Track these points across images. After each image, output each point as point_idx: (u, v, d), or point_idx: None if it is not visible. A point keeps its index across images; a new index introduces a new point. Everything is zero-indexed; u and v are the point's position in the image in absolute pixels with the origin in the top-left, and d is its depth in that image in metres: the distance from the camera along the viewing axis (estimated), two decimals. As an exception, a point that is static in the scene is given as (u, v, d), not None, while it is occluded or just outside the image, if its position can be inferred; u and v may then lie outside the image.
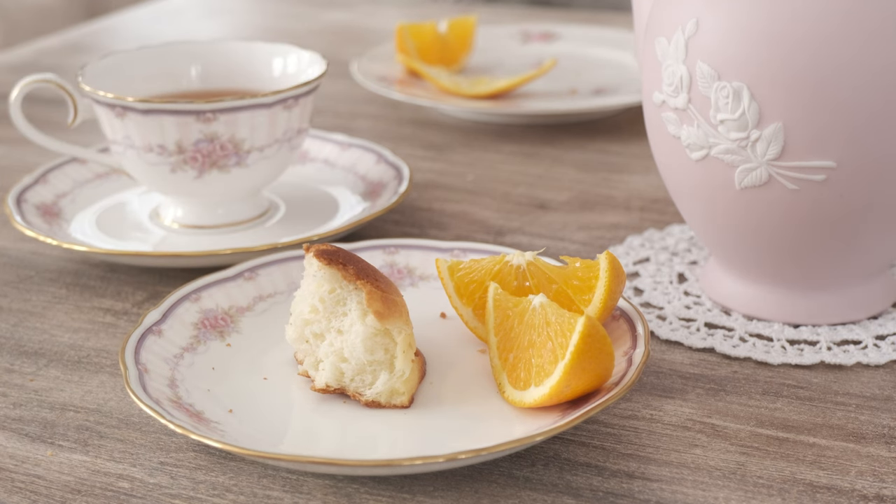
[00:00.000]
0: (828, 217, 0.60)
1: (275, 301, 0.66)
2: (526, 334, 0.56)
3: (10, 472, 0.55)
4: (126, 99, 0.72)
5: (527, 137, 0.99)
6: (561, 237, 0.79)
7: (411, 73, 1.09)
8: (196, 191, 0.76)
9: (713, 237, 0.65)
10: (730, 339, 0.64)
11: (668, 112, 0.62)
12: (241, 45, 0.83)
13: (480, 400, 0.57)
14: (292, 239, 0.72)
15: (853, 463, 0.54)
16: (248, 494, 0.53)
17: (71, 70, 1.18)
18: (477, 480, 0.53)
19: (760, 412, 0.58)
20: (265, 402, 0.57)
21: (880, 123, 0.57)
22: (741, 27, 0.58)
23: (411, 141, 0.99)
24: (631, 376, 0.54)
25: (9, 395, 0.61)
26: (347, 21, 1.44)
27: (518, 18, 1.40)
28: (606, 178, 0.89)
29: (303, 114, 0.77)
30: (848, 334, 0.64)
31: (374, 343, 0.56)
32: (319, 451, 0.53)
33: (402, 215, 0.83)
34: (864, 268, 0.64)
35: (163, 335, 0.60)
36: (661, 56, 0.62)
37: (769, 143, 0.58)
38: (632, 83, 1.07)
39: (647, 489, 0.52)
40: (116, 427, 0.58)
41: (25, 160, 0.95)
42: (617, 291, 0.59)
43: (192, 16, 1.48)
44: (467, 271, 0.62)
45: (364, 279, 0.56)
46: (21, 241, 0.79)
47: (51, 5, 2.38)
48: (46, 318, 0.69)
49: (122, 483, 0.53)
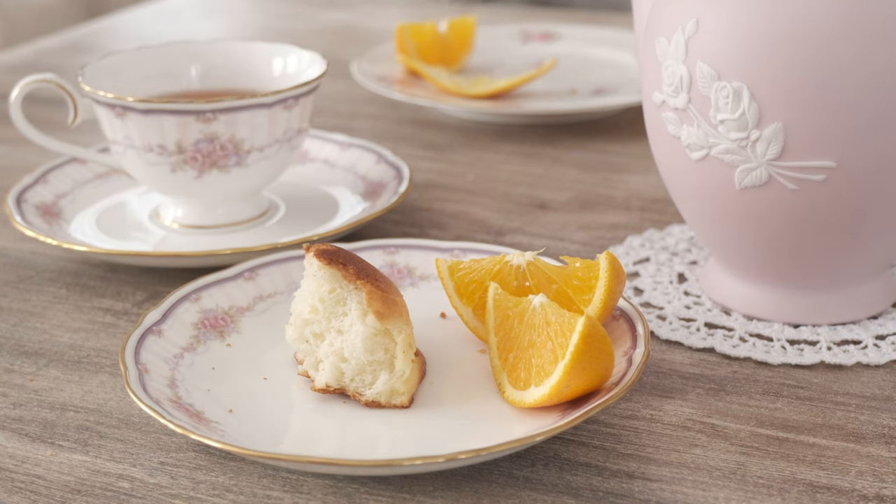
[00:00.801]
0: (828, 217, 0.60)
1: (275, 301, 0.66)
2: (526, 334, 0.56)
3: (10, 472, 0.55)
4: (126, 99, 0.72)
5: (527, 137, 0.99)
6: (561, 237, 0.79)
7: (411, 73, 1.09)
8: (196, 191, 0.76)
9: (713, 237, 0.65)
10: (730, 339, 0.64)
11: (668, 112, 0.62)
12: (241, 45, 0.83)
13: (480, 400, 0.57)
14: (292, 239, 0.72)
15: (853, 463, 0.54)
16: (248, 494, 0.53)
17: (71, 70, 1.18)
18: (477, 480, 0.53)
19: (760, 412, 0.58)
20: (265, 402, 0.57)
21: (880, 123, 0.57)
22: (741, 27, 0.58)
23: (411, 141, 0.99)
24: (631, 376, 0.54)
25: (9, 395, 0.61)
26: (347, 21, 1.44)
27: (518, 18, 1.40)
28: (606, 178, 0.89)
29: (303, 114, 0.77)
30: (848, 334, 0.64)
31: (374, 343, 0.56)
32: (319, 451, 0.53)
33: (402, 215, 0.83)
34: (864, 268, 0.64)
35: (163, 335, 0.60)
36: (661, 56, 0.62)
37: (769, 143, 0.58)
38: (632, 83, 1.07)
39: (647, 489, 0.52)
40: (116, 427, 0.58)
41: (25, 160, 0.95)
42: (617, 291, 0.59)
43: (192, 16, 1.48)
44: (467, 271, 0.62)
45: (364, 279, 0.56)
46: (21, 241, 0.79)
47: (51, 5, 2.38)
48: (46, 318, 0.69)
49: (122, 483, 0.53)
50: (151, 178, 0.75)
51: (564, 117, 1.01)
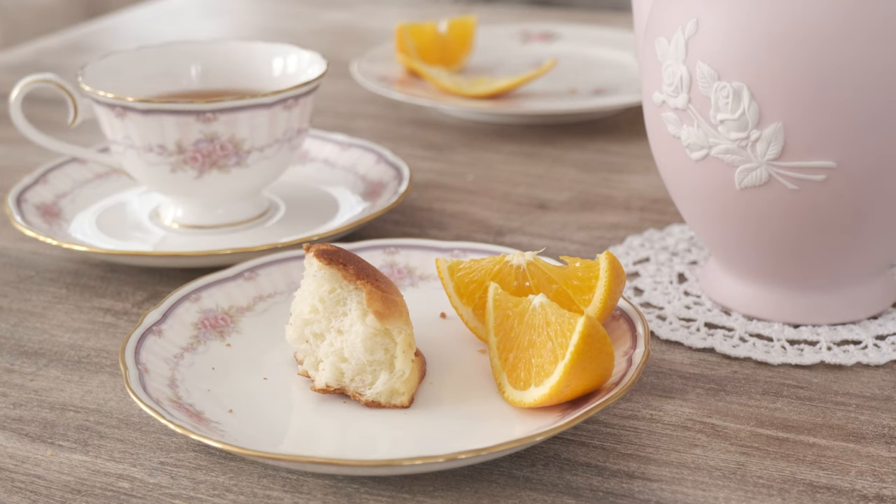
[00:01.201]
0: (828, 217, 0.60)
1: (275, 301, 0.66)
2: (526, 334, 0.56)
3: (10, 472, 0.55)
4: (126, 99, 0.72)
5: (527, 137, 0.99)
6: (561, 237, 0.79)
7: (411, 73, 1.09)
8: (196, 191, 0.76)
9: (713, 237, 0.65)
10: (730, 339, 0.64)
11: (668, 112, 0.62)
12: (241, 45, 0.83)
13: (480, 400, 0.57)
14: (292, 239, 0.72)
15: (853, 463, 0.54)
16: (248, 494, 0.53)
17: (71, 70, 1.18)
18: (477, 480, 0.53)
19: (760, 412, 0.58)
20: (265, 402, 0.57)
21: (880, 123, 0.57)
22: (741, 27, 0.58)
23: (411, 141, 0.99)
24: (631, 376, 0.54)
25: (9, 395, 0.61)
26: (347, 21, 1.44)
27: (518, 18, 1.40)
28: (606, 178, 0.89)
29: (303, 114, 0.77)
30: (848, 334, 0.64)
31: (374, 343, 0.56)
32: (319, 451, 0.53)
33: (402, 215, 0.83)
34: (864, 268, 0.64)
35: (163, 335, 0.60)
36: (661, 56, 0.62)
37: (769, 143, 0.58)
38: (632, 83, 1.07)
39: (647, 489, 0.52)
40: (116, 427, 0.58)
41: (25, 160, 0.95)
42: (617, 291, 0.59)
43: (192, 16, 1.48)
44: (467, 271, 0.62)
45: (364, 279, 0.56)
46: (21, 241, 0.79)
47: (51, 5, 2.38)
48: (46, 318, 0.69)
49: (122, 483, 0.53)
50: (151, 178, 0.75)
51: (564, 117, 1.01)
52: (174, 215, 0.79)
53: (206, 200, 0.78)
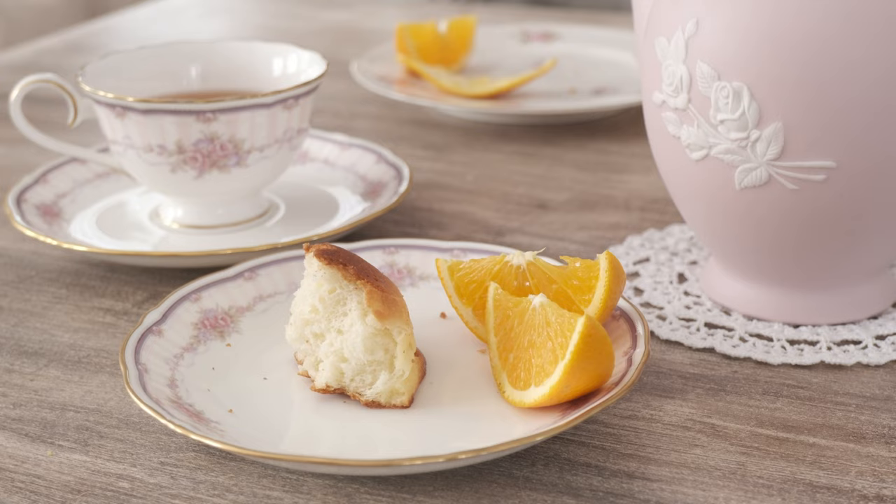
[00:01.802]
0: (828, 217, 0.60)
1: (275, 301, 0.66)
2: (526, 334, 0.56)
3: (10, 472, 0.55)
4: (126, 99, 0.72)
5: (527, 137, 0.99)
6: (561, 237, 0.79)
7: (411, 73, 1.09)
8: (196, 191, 0.76)
9: (713, 237, 0.65)
10: (730, 339, 0.64)
11: (668, 112, 0.62)
12: (241, 45, 0.84)
13: (480, 400, 0.57)
14: (292, 239, 0.72)
15: (853, 463, 0.54)
16: (248, 494, 0.53)
17: (71, 70, 1.18)
18: (477, 480, 0.53)
19: (760, 412, 0.58)
20: (265, 402, 0.57)
21: (880, 123, 0.57)
22: (741, 27, 0.58)
23: (411, 141, 0.99)
24: (631, 376, 0.54)
25: (9, 395, 0.61)
26: (347, 21, 1.44)
27: (518, 18, 1.40)
28: (606, 178, 0.89)
29: (303, 114, 0.77)
30: (848, 334, 0.64)
31: (374, 343, 0.56)
32: (319, 451, 0.53)
33: (402, 215, 0.83)
34: (864, 268, 0.64)
35: (163, 335, 0.60)
36: (661, 56, 0.62)
37: (769, 143, 0.58)
38: (632, 83, 1.07)
39: (647, 489, 0.52)
40: (116, 427, 0.58)
41: (25, 160, 0.95)
42: (617, 291, 0.59)
43: (192, 16, 1.48)
44: (467, 271, 0.62)
45: (364, 279, 0.56)
46: (21, 241, 0.79)
47: (51, 5, 2.38)
48: (46, 318, 0.69)
49: (122, 483, 0.53)
50: (151, 178, 0.75)
51: (564, 117, 1.01)
52: (174, 215, 0.79)
53: (206, 200, 0.78)
